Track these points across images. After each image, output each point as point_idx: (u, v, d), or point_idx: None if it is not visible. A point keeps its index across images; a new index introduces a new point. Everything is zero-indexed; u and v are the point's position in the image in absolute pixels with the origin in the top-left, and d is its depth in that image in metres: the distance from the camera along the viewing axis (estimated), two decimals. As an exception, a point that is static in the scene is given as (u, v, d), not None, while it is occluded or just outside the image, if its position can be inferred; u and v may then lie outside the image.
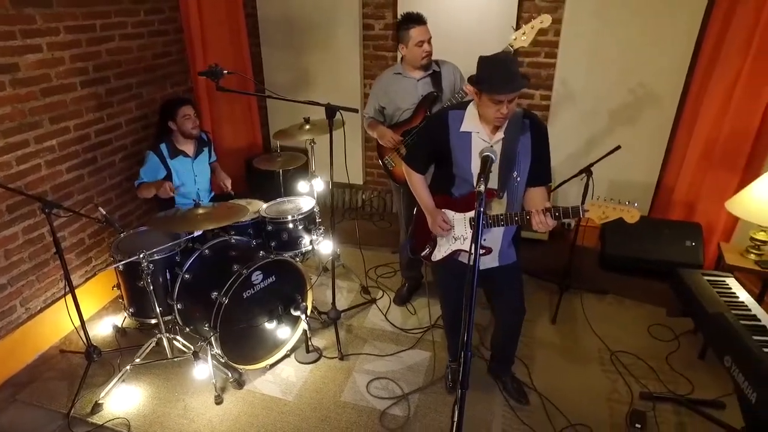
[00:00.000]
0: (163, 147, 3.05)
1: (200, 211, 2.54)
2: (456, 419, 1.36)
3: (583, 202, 3.16)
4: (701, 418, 2.47)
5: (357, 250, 3.64)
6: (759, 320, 2.07)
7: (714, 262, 3.20)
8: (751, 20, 3.00)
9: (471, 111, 2.01)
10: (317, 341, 3.01)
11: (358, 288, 3.51)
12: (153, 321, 2.72)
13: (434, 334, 3.04)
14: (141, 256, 2.39)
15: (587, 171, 2.97)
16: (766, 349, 1.89)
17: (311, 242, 3.07)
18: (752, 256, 2.73)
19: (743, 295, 2.24)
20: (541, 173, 2.07)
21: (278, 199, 3.25)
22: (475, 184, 2.01)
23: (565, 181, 3.13)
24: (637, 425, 2.43)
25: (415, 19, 2.70)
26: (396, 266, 3.67)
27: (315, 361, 2.85)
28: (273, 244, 3.02)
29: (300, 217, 3.02)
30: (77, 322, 2.56)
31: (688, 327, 3.06)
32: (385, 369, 2.81)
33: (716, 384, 2.67)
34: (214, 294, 2.47)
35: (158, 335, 2.66)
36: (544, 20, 2.55)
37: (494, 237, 2.16)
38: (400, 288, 3.41)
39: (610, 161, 3.55)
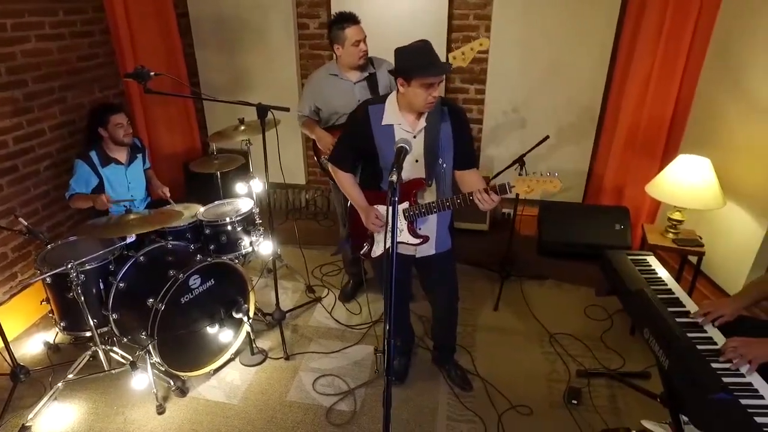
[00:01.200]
0: (93, 155, 2.94)
1: (132, 216, 2.46)
2: (384, 406, 1.37)
3: (517, 195, 3.30)
4: (631, 389, 2.63)
5: (303, 249, 3.64)
6: (673, 294, 2.21)
7: (640, 242, 3.38)
8: (659, 16, 3.20)
9: (391, 103, 2.03)
10: (262, 343, 2.98)
11: (303, 287, 3.50)
12: (88, 334, 2.61)
13: (378, 329, 3.07)
14: (69, 266, 2.29)
15: (520, 161, 3.08)
16: (678, 320, 2.04)
17: (251, 244, 3.04)
18: (670, 235, 2.91)
19: (661, 272, 2.38)
20: (467, 157, 2.13)
21: (216, 202, 3.20)
22: (404, 176, 2.06)
23: (500, 172, 3.23)
24: (574, 401, 2.55)
25: (349, 18, 2.67)
26: (341, 264, 3.68)
27: (260, 363, 2.82)
28: (212, 247, 2.97)
29: (238, 218, 2.98)
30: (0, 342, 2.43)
31: (620, 306, 3.23)
32: (331, 366, 2.82)
33: (644, 357, 2.83)
34: (150, 301, 2.40)
35: (93, 348, 2.56)
36: (484, 43, 2.56)
37: (430, 225, 2.21)
38: (345, 285, 3.43)
39: (545, 151, 3.69)
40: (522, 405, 2.54)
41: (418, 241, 2.16)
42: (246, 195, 3.31)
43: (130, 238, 2.48)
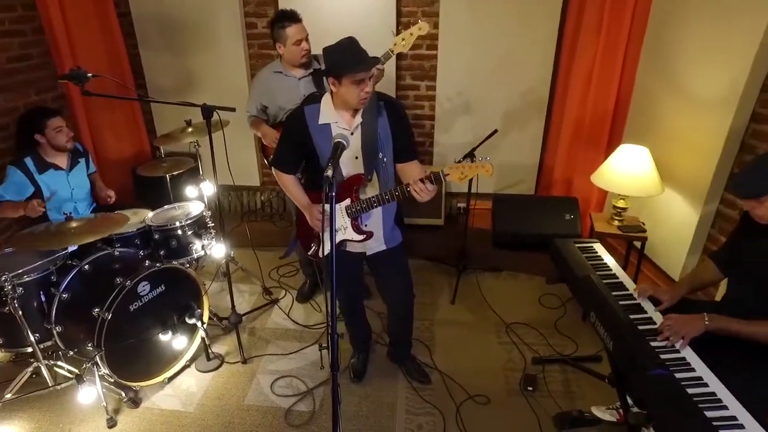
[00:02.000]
0: (28, 161, 2.81)
1: (73, 224, 2.37)
2: (333, 402, 1.36)
3: (469, 187, 3.35)
4: (584, 373, 2.71)
5: (257, 252, 3.60)
6: (617, 278, 2.30)
7: (589, 230, 3.49)
8: (598, 9, 3.31)
9: (326, 103, 2.03)
10: (219, 347, 2.93)
11: (260, 290, 3.45)
12: (29, 349, 2.49)
13: (338, 327, 3.06)
14: (3, 279, 2.18)
15: (470, 155, 3.12)
16: (621, 302, 2.11)
17: (203, 247, 2.97)
18: (616, 223, 3.02)
19: (607, 258, 2.46)
20: (406, 150, 2.14)
21: (166, 206, 3.11)
22: (344, 173, 2.07)
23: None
24: (529, 388, 2.61)
25: (290, 17, 2.65)
26: (298, 264, 3.65)
27: (217, 368, 2.77)
28: (162, 252, 2.89)
29: (189, 222, 2.91)
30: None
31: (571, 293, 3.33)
32: (289, 367, 2.79)
33: (595, 341, 2.91)
34: (96, 311, 2.32)
35: (35, 364, 2.45)
36: (423, 27, 2.59)
37: (375, 221, 2.21)
38: (302, 285, 3.40)
39: (497, 146, 3.77)
40: (479, 395, 2.59)
41: (362, 237, 2.16)
42: (197, 198, 3.23)
43: (72, 247, 2.39)
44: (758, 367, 1.88)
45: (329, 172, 1.35)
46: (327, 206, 2.09)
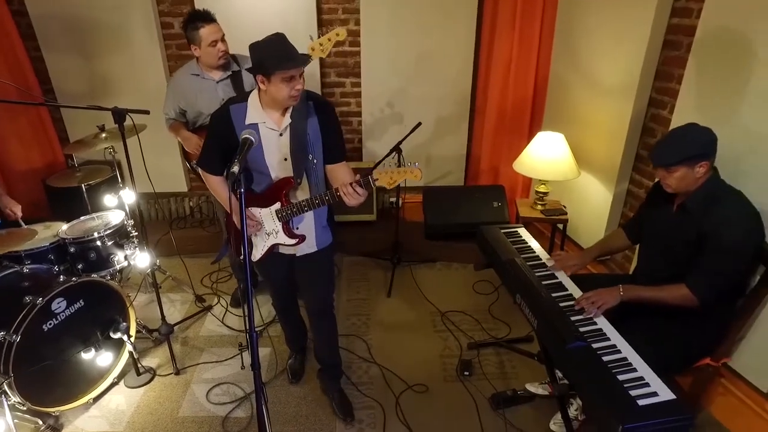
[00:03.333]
0: None
1: (-29, 242, 2.19)
2: (256, 401, 1.34)
3: (398, 183, 3.38)
4: (516, 353, 2.82)
5: (187, 259, 3.48)
6: (540, 259, 2.40)
7: (516, 216, 3.64)
8: (512, 6, 3.45)
9: (253, 102, 1.95)
10: (150, 360, 2.81)
11: (192, 298, 3.34)
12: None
13: (272, 330, 3.03)
14: None
15: (397, 149, 3.16)
16: (544, 282, 2.22)
17: (126, 258, 2.84)
18: (539, 207, 3.16)
19: (531, 241, 2.57)
20: (335, 150, 2.09)
21: (82, 218, 2.94)
22: (272, 175, 2.01)
23: (379, 162, 3.30)
24: (466, 373, 2.68)
25: (203, 17, 2.55)
26: (231, 269, 3.56)
27: (148, 383, 2.65)
28: (80, 266, 2.73)
29: (108, 232, 2.76)
30: None
31: (502, 278, 3.45)
32: (225, 374, 2.72)
33: (526, 322, 3.04)
34: (2, 334, 2.15)
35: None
36: (340, 33, 2.54)
37: (307, 223, 2.15)
38: (236, 290, 3.32)
39: (424, 139, 3.83)
40: (418, 384, 2.63)
41: (294, 241, 2.10)
42: (117, 207, 3.08)
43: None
44: (666, 329, 2.03)
45: (235, 169, 1.31)
46: (249, 207, 2.10)
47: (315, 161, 2.03)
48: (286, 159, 2.00)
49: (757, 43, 2.03)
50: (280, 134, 1.96)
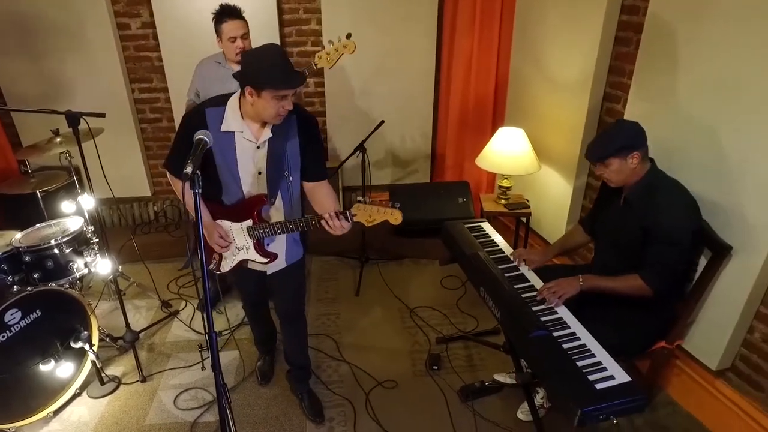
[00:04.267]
0: None
1: None
2: (218, 402, 1.33)
3: (363, 179, 3.39)
4: (484, 346, 2.87)
5: (153, 265, 3.42)
6: (503, 252, 2.46)
7: (480, 212, 3.70)
8: (472, 4, 3.50)
9: (232, 108, 1.82)
10: (114, 369, 2.75)
11: (158, 304, 3.28)
12: None
13: (240, 333, 3.01)
14: None
15: (361, 148, 3.18)
16: (507, 274, 2.27)
17: (86, 265, 2.76)
18: (502, 202, 3.22)
19: (494, 235, 2.62)
20: (317, 168, 1.99)
21: (37, 225, 2.84)
22: (244, 190, 1.93)
23: (344, 161, 3.30)
24: (435, 367, 2.72)
25: (228, 12, 2.55)
26: (199, 273, 3.51)
27: (112, 392, 2.60)
28: (37, 275, 2.63)
29: (66, 239, 2.68)
30: None
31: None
32: (193, 379, 2.68)
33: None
34: (-47, 348, 2.07)
35: None
36: (348, 45, 2.51)
37: (278, 242, 2.10)
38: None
39: (389, 137, 3.84)
40: (388, 380, 2.65)
41: (266, 260, 2.04)
42: (76, 214, 2.99)
43: None
44: (623, 316, 2.11)
45: (188, 169, 1.29)
46: (226, 223, 2.00)
47: (291, 179, 1.94)
48: (260, 173, 1.91)
49: (697, 40, 2.12)
50: (258, 147, 1.87)
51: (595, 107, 2.81)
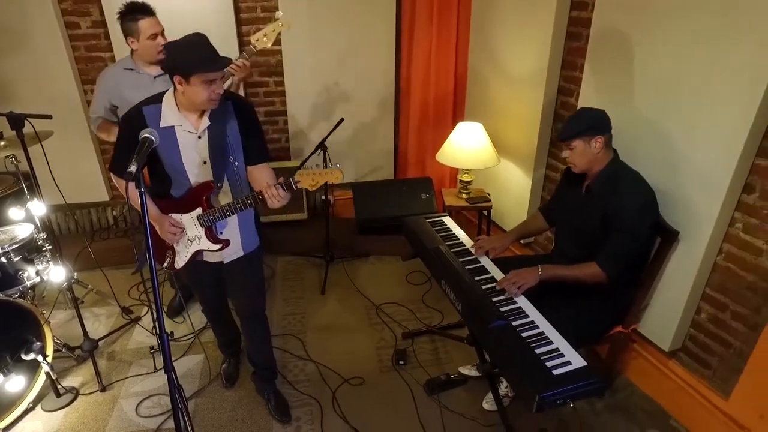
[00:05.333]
0: None
1: None
2: (172, 403, 1.31)
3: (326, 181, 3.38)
4: (449, 339, 2.90)
5: (113, 271, 3.33)
6: (464, 245, 2.49)
7: (443, 206, 3.74)
8: (429, 1, 3.53)
9: (168, 104, 1.87)
10: (72, 380, 2.66)
11: (118, 310, 3.19)
12: None
13: (203, 336, 2.96)
14: None
15: (322, 147, 3.17)
16: (467, 267, 2.30)
17: (38, 273, 2.67)
18: (464, 196, 3.27)
19: (454, 228, 2.65)
20: (258, 151, 2.05)
21: (-18, 233, 2.73)
22: (192, 180, 1.94)
23: (305, 160, 3.28)
24: (401, 362, 2.74)
25: (142, 10, 2.44)
26: (162, 277, 3.43)
27: (69, 404, 2.51)
28: (-17, 285, 2.53)
29: (14, 247, 2.58)
30: None
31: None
32: (156, 385, 2.63)
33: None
34: None
35: None
36: (284, 23, 2.49)
37: (231, 228, 2.09)
38: (172, 299, 3.22)
39: (351, 135, 3.84)
40: (355, 377, 2.65)
41: (218, 246, 2.04)
42: (26, 220, 2.88)
43: None
44: (581, 303, 2.16)
45: (132, 168, 1.27)
46: (176, 216, 2.00)
47: (236, 163, 1.98)
48: (205, 162, 1.93)
49: (642, 35, 2.20)
50: (198, 137, 1.90)
51: (551, 101, 2.87)
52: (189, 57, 1.73)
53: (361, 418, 2.41)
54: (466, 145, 3.06)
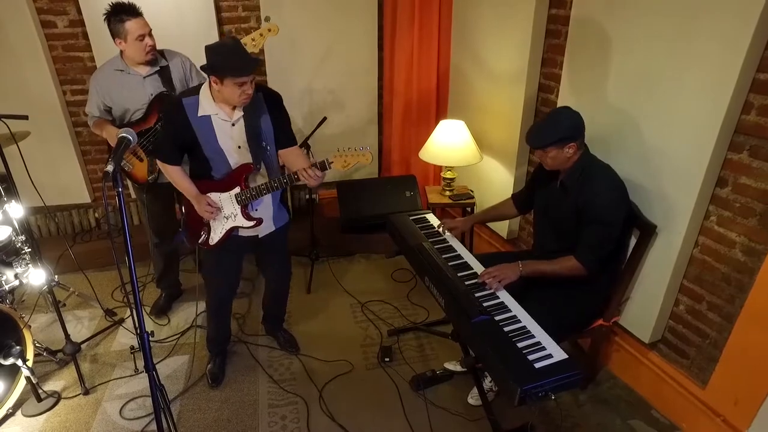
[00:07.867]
0: None
1: None
2: (154, 403, 1.31)
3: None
4: (435, 336, 2.92)
5: (96, 273, 3.30)
6: (447, 242, 2.51)
7: (427, 204, 3.76)
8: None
9: (205, 95, 2.07)
10: (55, 384, 2.63)
11: (102, 313, 3.16)
12: None
13: (190, 336, 2.94)
14: None
15: (305, 145, 3.16)
16: (450, 263, 2.32)
17: (17, 276, 2.63)
18: (447, 193, 3.28)
19: (437, 225, 2.67)
20: (286, 136, 2.30)
21: (-41, 237, 2.68)
22: (231, 162, 2.16)
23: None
24: (387, 359, 2.75)
25: (128, 11, 2.42)
26: (145, 279, 3.42)
27: (51, 408, 2.48)
28: (-40, 290, 2.49)
29: (-8, 251, 2.55)
30: None
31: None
32: (141, 387, 2.61)
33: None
34: None
35: None
36: (273, 28, 2.48)
37: (265, 206, 2.32)
38: (158, 299, 3.19)
39: (337, 134, 3.84)
40: (340, 375, 2.66)
41: (252, 223, 2.25)
42: (2, 223, 2.83)
43: None
44: (562, 297, 2.20)
45: (109, 168, 1.27)
46: (214, 195, 2.20)
47: (269, 148, 2.22)
48: (239, 147, 2.15)
49: (617, 33, 2.23)
50: (233, 124, 2.11)
51: (531, 98, 2.90)
52: (223, 62, 1.92)
53: (348, 415, 2.42)
54: (448, 143, 3.08)
